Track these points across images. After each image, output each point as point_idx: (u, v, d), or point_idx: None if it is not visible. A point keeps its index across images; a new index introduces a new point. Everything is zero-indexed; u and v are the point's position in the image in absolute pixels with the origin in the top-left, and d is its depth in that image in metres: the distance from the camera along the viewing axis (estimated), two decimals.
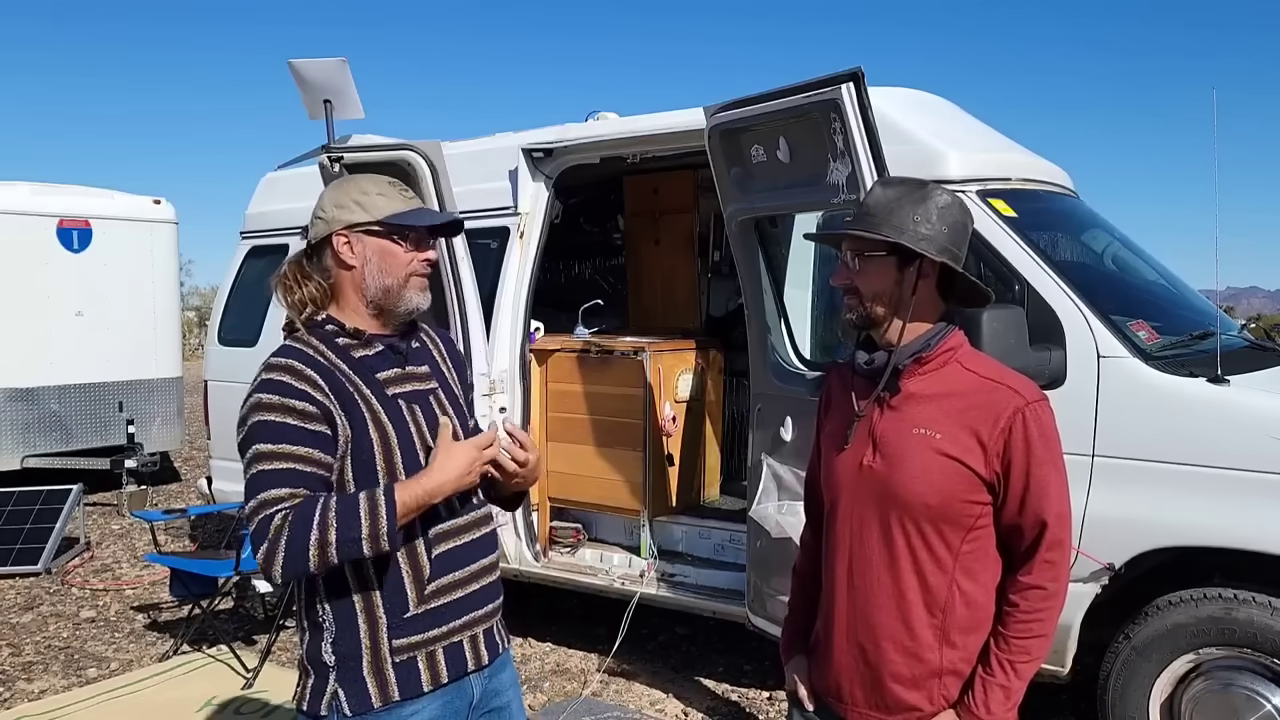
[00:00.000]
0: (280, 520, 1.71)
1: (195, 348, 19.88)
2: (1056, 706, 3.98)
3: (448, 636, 1.89)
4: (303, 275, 1.93)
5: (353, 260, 1.89)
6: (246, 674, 4.49)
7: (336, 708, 1.83)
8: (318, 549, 1.70)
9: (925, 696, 1.80)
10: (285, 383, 1.78)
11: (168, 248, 9.07)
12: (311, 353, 1.85)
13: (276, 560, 1.71)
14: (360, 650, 1.84)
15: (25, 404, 8.22)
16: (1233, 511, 3.00)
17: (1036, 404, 1.75)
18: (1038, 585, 1.75)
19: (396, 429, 1.86)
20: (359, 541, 1.72)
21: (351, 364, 1.87)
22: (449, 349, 2.11)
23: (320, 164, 4.31)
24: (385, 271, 1.89)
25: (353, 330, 1.90)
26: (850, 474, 1.84)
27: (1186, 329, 3.68)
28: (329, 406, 1.79)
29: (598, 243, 6.38)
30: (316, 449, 1.78)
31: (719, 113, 3.80)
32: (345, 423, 1.81)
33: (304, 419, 1.77)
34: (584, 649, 4.87)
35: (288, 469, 1.75)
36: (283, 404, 1.77)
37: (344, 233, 1.89)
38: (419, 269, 1.92)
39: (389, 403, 1.87)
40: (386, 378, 1.90)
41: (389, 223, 1.88)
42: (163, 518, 5.77)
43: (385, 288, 1.89)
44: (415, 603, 1.85)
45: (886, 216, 1.77)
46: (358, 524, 1.72)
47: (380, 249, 1.89)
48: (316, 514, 1.72)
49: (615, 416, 4.78)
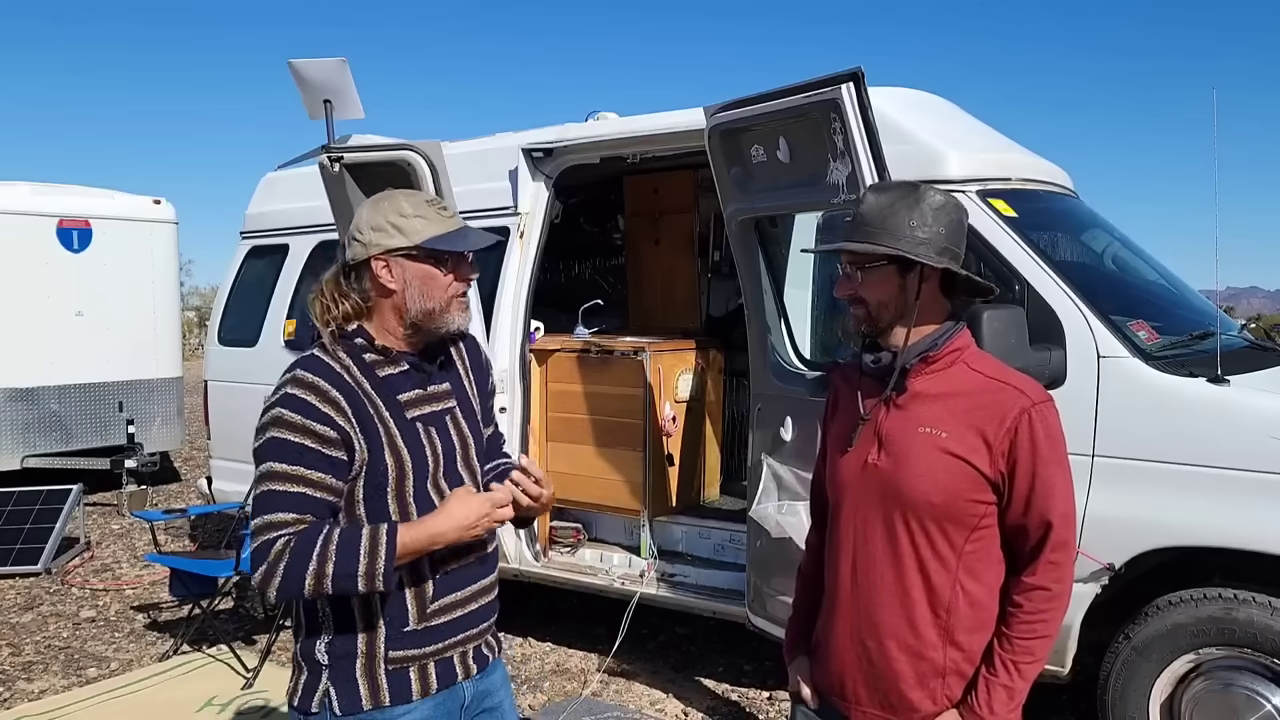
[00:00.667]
0: (282, 546, 1.73)
1: (195, 348, 19.88)
2: (1056, 706, 3.98)
3: (442, 652, 1.91)
4: (340, 294, 1.89)
5: (393, 285, 1.85)
6: (246, 674, 4.49)
7: (327, 705, 1.84)
8: (314, 579, 1.72)
9: (928, 696, 1.80)
10: (310, 404, 1.78)
11: (168, 248, 9.07)
12: (339, 370, 1.83)
13: (273, 584, 1.74)
14: (355, 653, 1.85)
15: (25, 404, 8.22)
16: (1233, 511, 3.00)
17: (1043, 404, 1.76)
18: (1042, 586, 1.76)
19: (412, 453, 1.86)
20: (355, 578, 1.73)
21: (375, 383, 1.86)
22: (473, 357, 2.09)
23: (320, 164, 4.31)
24: (427, 296, 1.86)
25: (381, 348, 1.88)
26: (855, 472, 1.84)
27: (1186, 329, 3.68)
28: (349, 432, 1.79)
29: (598, 243, 6.38)
30: (330, 475, 1.78)
31: (719, 113, 3.80)
32: (363, 446, 1.81)
33: (323, 444, 1.77)
34: (584, 649, 4.87)
35: (298, 493, 1.76)
36: (305, 426, 1.76)
37: (383, 257, 1.84)
38: (460, 290, 1.90)
39: (407, 427, 1.87)
40: (407, 399, 1.89)
41: (429, 248, 1.84)
42: (163, 518, 5.77)
43: (427, 311, 1.87)
44: (416, 619, 1.87)
45: (882, 224, 1.77)
46: (356, 561, 1.73)
47: (421, 274, 1.85)
48: (318, 545, 1.73)
49: (615, 416, 4.79)
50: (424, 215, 1.86)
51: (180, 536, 7.41)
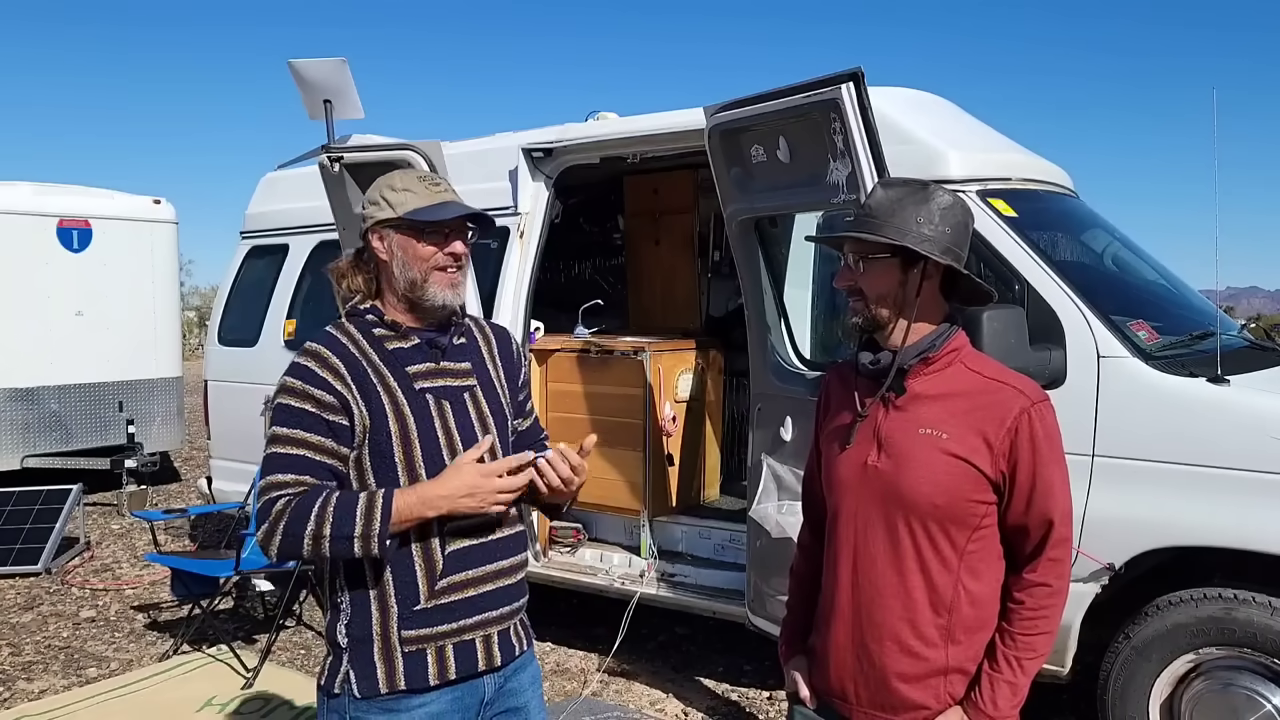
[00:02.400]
0: (283, 505, 1.79)
1: (195, 348, 19.89)
2: (1056, 706, 3.98)
3: (458, 634, 1.91)
4: (354, 268, 1.99)
5: (384, 255, 1.94)
6: (246, 674, 4.49)
7: (348, 689, 1.88)
8: (312, 540, 1.78)
9: (931, 695, 1.80)
10: (311, 370, 1.86)
11: (168, 248, 9.07)
12: (344, 341, 1.91)
13: (274, 542, 1.81)
14: (371, 636, 1.88)
15: (25, 404, 8.22)
16: (1233, 511, 3.00)
17: (1041, 404, 1.77)
18: (1043, 582, 1.77)
19: (419, 421, 1.89)
20: (351, 539, 1.78)
21: (383, 354, 1.92)
22: (502, 348, 2.11)
23: (320, 164, 4.31)
24: (408, 266, 1.92)
25: (390, 322, 1.95)
26: (854, 474, 1.84)
27: (1186, 329, 3.68)
28: (347, 397, 1.85)
29: (598, 243, 6.39)
30: (330, 438, 1.84)
31: (719, 113, 3.80)
32: (364, 411, 1.85)
33: (322, 408, 1.84)
34: (584, 649, 4.87)
35: (298, 455, 1.83)
36: (304, 391, 1.85)
37: (376, 229, 1.94)
38: (441, 262, 1.92)
39: (414, 395, 1.90)
40: (417, 371, 1.93)
41: (409, 218, 1.90)
42: (163, 517, 5.77)
43: (410, 281, 1.92)
44: (426, 596, 1.87)
45: (889, 218, 1.77)
46: (352, 523, 1.78)
47: (404, 245, 1.92)
48: (317, 506, 1.78)
49: (615, 416, 4.79)
50: (411, 189, 1.93)
51: (180, 536, 7.41)
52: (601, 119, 4.90)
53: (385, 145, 4.36)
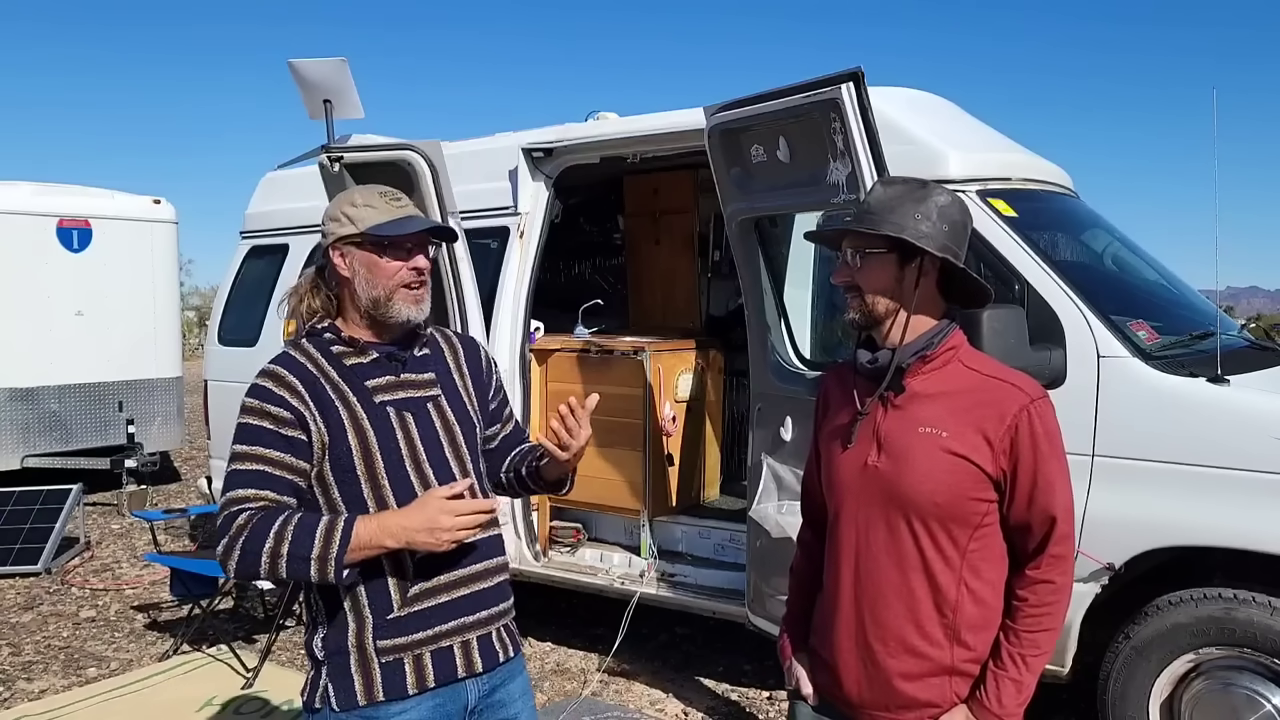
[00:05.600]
0: (244, 520, 1.79)
1: (195, 348, 19.88)
2: (1056, 706, 3.98)
3: (435, 640, 1.89)
4: (314, 288, 1.98)
5: (346, 273, 1.93)
6: (246, 674, 4.49)
7: (327, 701, 1.87)
8: (269, 559, 1.77)
9: (936, 694, 1.80)
10: (267, 389, 1.87)
11: (168, 247, 9.07)
12: (301, 359, 1.91)
13: (232, 557, 1.80)
14: (347, 647, 1.87)
15: (25, 404, 8.22)
16: (1233, 511, 3.00)
17: (1041, 400, 1.77)
18: (1047, 580, 1.77)
19: (379, 434, 1.88)
20: (308, 561, 1.77)
21: (341, 371, 1.91)
22: (469, 356, 2.11)
23: (320, 164, 4.31)
24: (372, 284, 1.91)
25: (348, 339, 1.94)
26: (855, 474, 1.84)
27: (1186, 329, 3.68)
28: (303, 412, 1.84)
29: (598, 243, 6.38)
30: (288, 454, 1.84)
31: (719, 113, 3.80)
32: (322, 428, 1.85)
33: (278, 424, 1.84)
34: (584, 649, 4.87)
35: (256, 470, 1.83)
36: (261, 408, 1.85)
37: (338, 246, 1.93)
38: (406, 279, 1.92)
39: (374, 408, 1.90)
40: (376, 385, 1.92)
41: (370, 234, 1.90)
42: (163, 517, 5.78)
43: (374, 299, 1.91)
44: (399, 604, 1.86)
45: (887, 214, 1.78)
46: (310, 545, 1.77)
47: (366, 261, 1.91)
48: (277, 524, 1.78)
49: (615, 416, 4.78)
50: (372, 204, 1.92)
51: (180, 536, 7.40)
52: (601, 119, 4.90)
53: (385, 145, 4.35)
